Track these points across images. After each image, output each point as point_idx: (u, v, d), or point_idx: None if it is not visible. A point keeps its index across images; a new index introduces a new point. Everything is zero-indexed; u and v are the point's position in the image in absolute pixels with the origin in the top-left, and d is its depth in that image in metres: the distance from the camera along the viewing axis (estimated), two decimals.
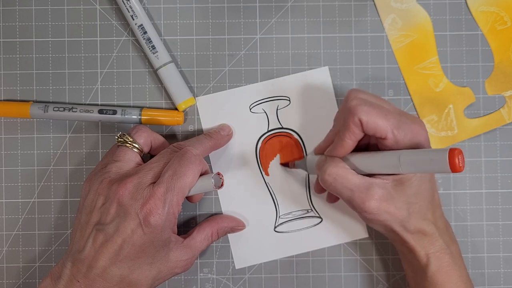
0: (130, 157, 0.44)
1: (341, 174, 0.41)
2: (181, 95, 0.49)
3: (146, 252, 0.41)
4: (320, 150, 0.46)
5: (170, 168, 0.42)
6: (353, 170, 0.42)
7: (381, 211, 0.41)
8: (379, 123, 0.40)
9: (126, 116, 0.48)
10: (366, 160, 0.41)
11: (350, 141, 0.41)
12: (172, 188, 0.41)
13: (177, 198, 0.41)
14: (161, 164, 0.43)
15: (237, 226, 0.49)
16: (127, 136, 0.45)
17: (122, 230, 0.41)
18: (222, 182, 0.43)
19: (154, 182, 0.42)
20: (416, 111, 0.50)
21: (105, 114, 0.48)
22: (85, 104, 0.49)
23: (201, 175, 0.43)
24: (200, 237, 0.46)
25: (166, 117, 0.49)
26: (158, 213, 0.41)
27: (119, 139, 0.45)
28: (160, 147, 0.47)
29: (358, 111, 0.40)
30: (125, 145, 0.45)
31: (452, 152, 0.35)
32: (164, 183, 0.41)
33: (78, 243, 0.42)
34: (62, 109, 0.48)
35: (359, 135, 0.41)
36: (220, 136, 0.48)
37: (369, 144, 0.44)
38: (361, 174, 0.42)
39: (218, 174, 0.43)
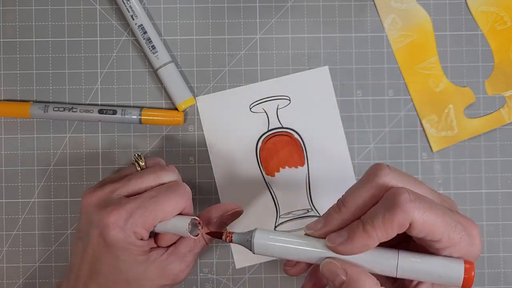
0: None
1: None
2: (181, 95, 0.49)
3: (120, 270, 0.38)
4: (319, 233, 0.35)
5: (154, 190, 0.39)
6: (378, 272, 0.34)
7: None
8: (437, 225, 0.32)
9: (126, 116, 0.48)
10: (414, 266, 0.34)
11: (378, 241, 0.32)
12: (146, 208, 0.38)
13: (146, 221, 0.38)
14: (143, 184, 0.40)
15: (228, 209, 0.42)
16: (142, 160, 0.43)
17: (90, 240, 0.38)
18: (198, 233, 0.39)
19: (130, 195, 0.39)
20: (416, 111, 0.50)
21: (105, 114, 0.48)
22: (85, 104, 0.49)
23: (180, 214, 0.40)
24: (186, 240, 0.41)
25: (165, 117, 0.49)
26: (119, 226, 0.37)
27: (134, 158, 0.43)
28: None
29: (413, 210, 0.31)
30: (135, 166, 0.43)
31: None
32: (139, 199, 0.38)
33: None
34: (62, 109, 0.48)
35: (393, 235, 0.32)
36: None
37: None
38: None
39: (197, 221, 0.39)
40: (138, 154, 0.44)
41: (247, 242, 0.36)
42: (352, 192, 0.35)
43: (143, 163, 0.43)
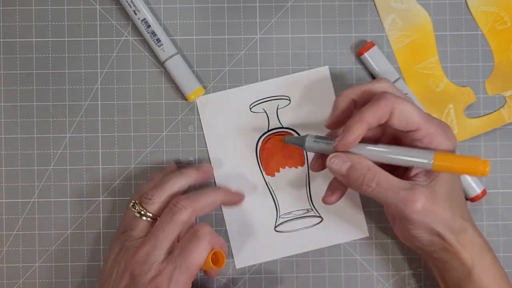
0: (143, 227, 0.44)
1: (383, 178, 0.41)
2: (189, 86, 0.48)
3: None
4: (332, 126, 0.45)
5: (180, 245, 0.42)
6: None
7: (428, 212, 0.40)
8: (413, 114, 0.40)
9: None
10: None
11: (368, 126, 0.40)
12: (180, 267, 0.41)
13: (185, 277, 0.41)
14: (164, 234, 0.43)
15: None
16: (141, 208, 0.45)
17: None
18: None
19: (166, 254, 0.42)
20: None
21: None
22: None
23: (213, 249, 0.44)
24: None
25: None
26: None
27: (133, 208, 0.45)
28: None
29: (394, 99, 0.40)
30: (138, 216, 0.45)
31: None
32: (173, 260, 0.42)
33: None
34: None
35: (381, 122, 0.40)
36: (230, 195, 0.48)
37: (379, 138, 0.44)
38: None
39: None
40: (134, 203, 0.45)
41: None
42: (351, 91, 0.43)
43: (143, 210, 0.45)
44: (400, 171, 0.43)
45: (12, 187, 0.50)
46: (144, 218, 0.44)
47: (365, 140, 0.42)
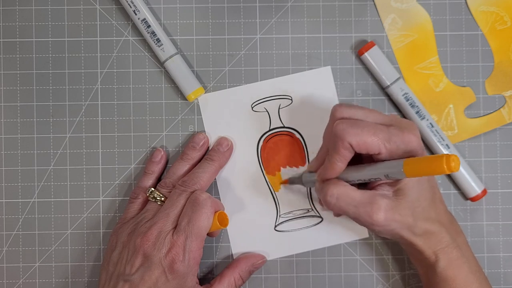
0: (154, 207, 0.47)
1: (342, 192, 0.42)
2: (189, 86, 0.49)
3: None
4: (314, 168, 0.47)
5: (185, 216, 0.44)
6: (352, 184, 0.43)
7: (388, 221, 0.41)
8: (370, 142, 0.40)
9: None
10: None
11: (341, 164, 0.42)
12: (190, 235, 0.44)
13: (196, 243, 0.44)
14: (176, 210, 0.45)
15: (256, 262, 0.49)
16: (157, 193, 0.47)
17: (147, 279, 0.43)
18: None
19: (174, 228, 0.44)
20: None
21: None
22: None
23: (216, 211, 0.46)
24: (222, 286, 0.47)
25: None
26: (180, 260, 0.43)
27: (150, 195, 0.47)
28: None
29: (346, 135, 0.41)
30: (155, 201, 0.47)
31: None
32: (182, 231, 0.44)
33: None
34: None
35: (349, 157, 0.42)
36: (221, 154, 0.49)
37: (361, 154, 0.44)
38: (361, 186, 0.43)
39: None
40: (152, 190, 0.47)
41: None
42: (324, 134, 0.46)
43: (161, 194, 0.47)
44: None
45: (12, 187, 0.50)
46: (160, 203, 0.47)
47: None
